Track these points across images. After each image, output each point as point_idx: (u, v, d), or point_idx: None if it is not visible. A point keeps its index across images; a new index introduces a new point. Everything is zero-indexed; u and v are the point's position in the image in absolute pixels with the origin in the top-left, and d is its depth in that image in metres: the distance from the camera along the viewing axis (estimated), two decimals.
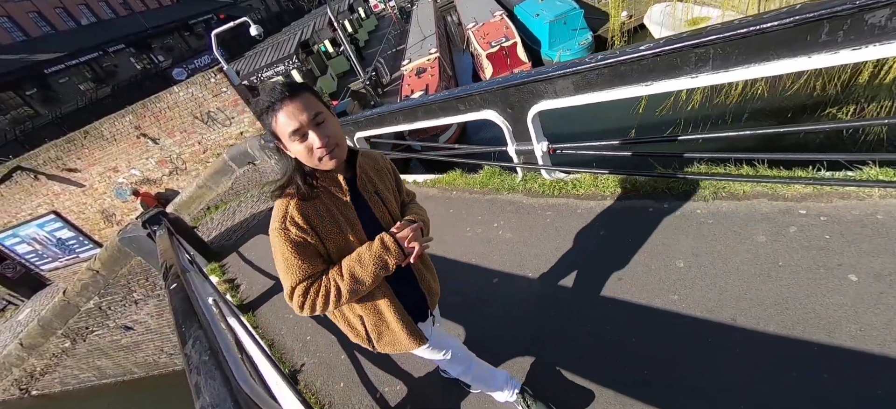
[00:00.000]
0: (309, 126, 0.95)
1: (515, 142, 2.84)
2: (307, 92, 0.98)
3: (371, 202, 1.14)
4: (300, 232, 1.01)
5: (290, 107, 0.94)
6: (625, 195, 2.57)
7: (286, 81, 1.02)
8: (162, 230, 4.27)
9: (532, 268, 2.45)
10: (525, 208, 2.95)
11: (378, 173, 1.19)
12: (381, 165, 1.23)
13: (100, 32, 21.78)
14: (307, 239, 1.03)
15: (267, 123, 0.98)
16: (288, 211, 1.02)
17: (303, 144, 0.97)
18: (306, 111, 0.94)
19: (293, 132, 0.94)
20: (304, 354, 2.82)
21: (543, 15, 10.68)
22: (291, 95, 0.95)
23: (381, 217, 1.15)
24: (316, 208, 1.05)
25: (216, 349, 1.36)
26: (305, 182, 1.04)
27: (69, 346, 7.95)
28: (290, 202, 1.03)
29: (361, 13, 23.96)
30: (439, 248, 3.00)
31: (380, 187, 1.17)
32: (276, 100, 0.94)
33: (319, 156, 0.98)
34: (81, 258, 10.67)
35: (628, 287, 2.06)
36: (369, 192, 1.14)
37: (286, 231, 1.01)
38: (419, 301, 1.30)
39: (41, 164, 8.95)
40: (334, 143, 1.00)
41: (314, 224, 1.04)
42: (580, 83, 2.23)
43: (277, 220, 1.03)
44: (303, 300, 1.03)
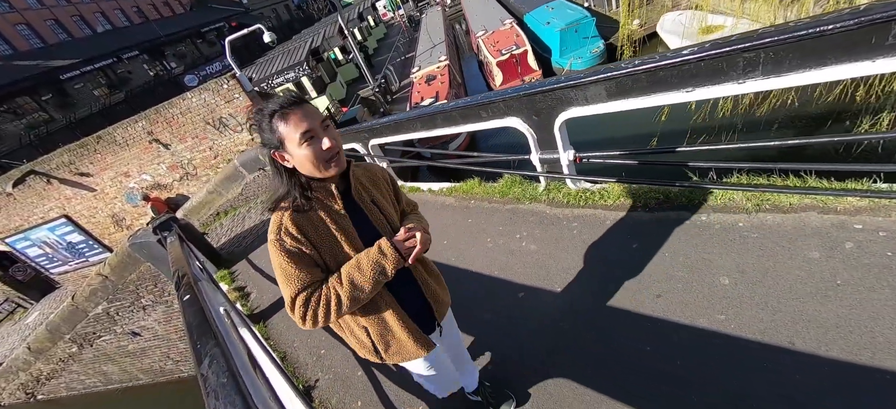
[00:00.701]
0: (319, 129, 1.00)
1: (540, 150, 2.74)
2: (308, 104, 1.03)
3: (368, 211, 1.14)
4: (295, 242, 1.03)
5: (302, 111, 0.99)
6: (657, 206, 2.44)
7: (291, 94, 1.06)
8: (173, 237, 4.23)
9: (560, 281, 2.33)
10: (549, 218, 2.83)
11: (373, 183, 1.20)
12: (378, 176, 1.24)
13: (115, 40, 22.21)
14: (303, 249, 1.04)
15: (273, 128, 0.99)
16: (282, 222, 1.04)
17: (311, 148, 0.99)
18: (316, 115, 1.01)
19: (304, 133, 0.97)
20: (318, 369, 2.71)
21: (554, 23, 10.64)
22: (299, 102, 1.01)
23: (379, 225, 1.15)
24: (310, 220, 1.06)
25: (234, 370, 1.26)
26: (302, 194, 1.05)
27: (76, 351, 7.91)
28: (284, 214, 1.05)
29: (371, 22, 24.22)
30: (460, 259, 2.89)
31: (376, 196, 1.18)
32: (286, 105, 0.98)
33: (328, 157, 1.01)
34: (91, 262, 10.70)
35: (668, 305, 1.93)
36: (365, 201, 1.15)
37: (281, 242, 1.03)
38: (423, 309, 1.29)
39: (54, 168, 9.02)
40: (338, 148, 1.04)
41: (309, 235, 1.05)
42: (614, 89, 2.12)
43: (273, 232, 1.04)
44: (304, 311, 1.03)
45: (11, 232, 10.21)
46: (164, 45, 24.75)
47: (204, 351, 1.40)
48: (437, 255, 3.04)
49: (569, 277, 2.33)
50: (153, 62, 23.91)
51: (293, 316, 1.05)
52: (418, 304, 1.27)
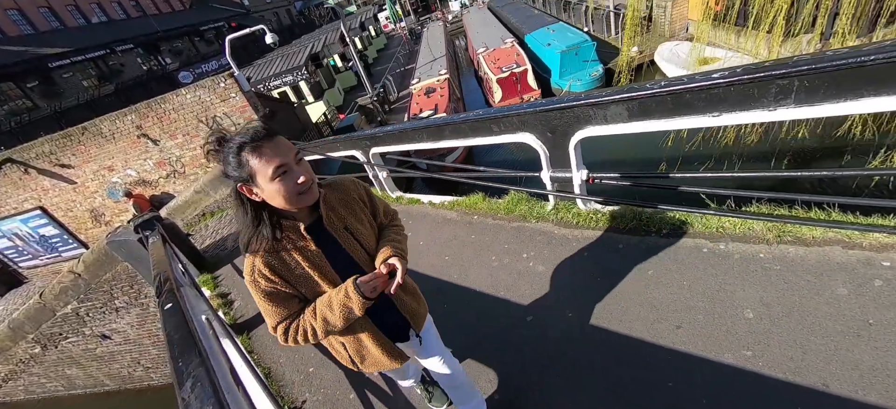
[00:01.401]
0: (291, 163, 0.98)
1: (552, 168, 2.65)
2: (280, 136, 1.00)
3: (341, 239, 1.14)
4: (269, 283, 1.05)
5: (275, 144, 0.96)
6: (673, 233, 2.36)
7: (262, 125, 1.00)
8: (155, 237, 3.99)
9: (571, 306, 2.21)
10: (557, 239, 2.73)
11: (347, 205, 1.18)
12: (351, 195, 1.21)
13: (109, 31, 21.78)
14: (278, 288, 1.06)
15: (241, 161, 0.95)
16: (255, 265, 1.05)
17: (283, 183, 0.97)
18: (290, 150, 0.98)
19: (278, 168, 0.95)
20: (306, 388, 2.51)
21: (555, 45, 10.80)
22: (271, 135, 0.97)
23: (354, 253, 1.15)
24: (283, 260, 1.07)
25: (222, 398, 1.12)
26: (271, 235, 1.04)
27: (39, 352, 7.41)
28: (256, 257, 1.05)
29: (372, 31, 24.36)
30: (463, 276, 2.76)
31: (350, 221, 1.16)
32: (259, 137, 0.94)
33: (301, 191, 0.99)
34: (64, 258, 10.18)
35: (689, 337, 1.82)
36: (338, 229, 1.14)
37: (256, 283, 1.06)
38: (400, 324, 1.34)
39: (33, 157, 8.62)
40: (311, 180, 1.02)
41: (283, 274, 1.07)
42: (636, 110, 2.05)
43: (247, 274, 1.07)
44: (285, 337, 1.10)
45: None
46: (161, 41, 24.37)
47: (186, 371, 1.24)
48: (440, 271, 2.90)
49: (580, 301, 2.21)
50: (148, 56, 23.48)
51: (275, 336, 1.11)
52: (395, 320, 1.31)
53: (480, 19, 21.06)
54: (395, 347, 1.32)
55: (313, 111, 11.82)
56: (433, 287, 2.78)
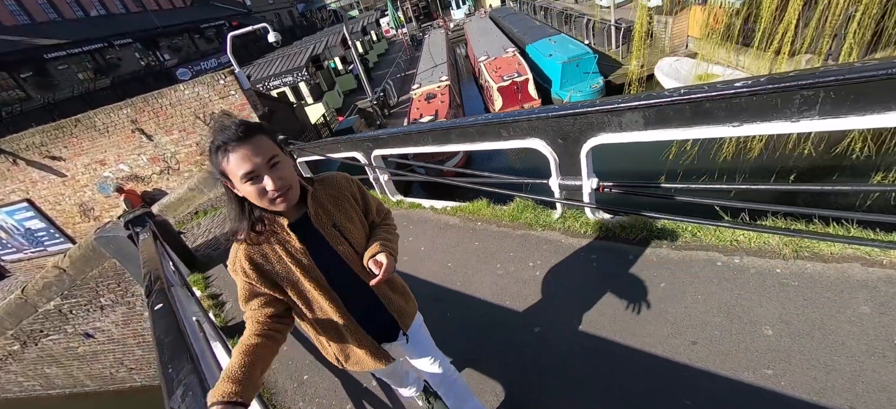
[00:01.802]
0: (262, 169, 0.94)
1: (561, 175, 2.59)
2: (262, 134, 0.96)
3: (328, 237, 1.11)
4: (246, 277, 1.04)
5: (244, 149, 0.92)
6: (685, 245, 2.30)
7: (242, 121, 0.95)
8: (146, 234, 3.86)
9: (580, 317, 2.13)
10: (564, 247, 2.66)
11: (337, 202, 1.15)
12: (343, 192, 1.18)
13: (108, 25, 21.54)
14: (253, 284, 1.05)
15: (216, 162, 0.94)
16: (238, 256, 1.05)
17: (254, 187, 0.95)
18: (261, 154, 0.93)
19: (246, 174, 0.93)
20: (299, 398, 2.39)
21: (557, 55, 10.86)
22: (246, 136, 0.92)
23: (342, 251, 1.13)
24: (264, 254, 1.06)
25: None
26: (253, 228, 1.03)
27: (18, 349, 7.15)
28: (239, 248, 1.05)
29: (373, 36, 24.43)
30: (467, 284, 2.67)
31: (339, 219, 1.13)
32: (230, 140, 0.91)
33: (271, 198, 0.97)
34: (49, 252, 9.92)
35: (707, 354, 1.75)
36: (325, 226, 1.11)
37: (236, 273, 1.06)
38: (389, 323, 1.31)
39: (23, 148, 8.41)
40: (287, 186, 0.99)
41: (264, 269, 1.06)
42: (653, 118, 2.00)
43: (230, 262, 1.08)
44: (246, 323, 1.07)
45: None
46: (160, 37, 24.17)
47: (177, 379, 1.14)
48: (442, 278, 2.81)
49: (590, 313, 2.13)
50: (146, 52, 23.26)
51: None
52: (383, 318, 1.29)
53: (482, 28, 21.22)
54: (380, 348, 1.28)
55: (312, 113, 11.73)
56: (435, 294, 2.69)
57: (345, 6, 38.50)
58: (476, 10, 31.89)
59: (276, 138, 1.00)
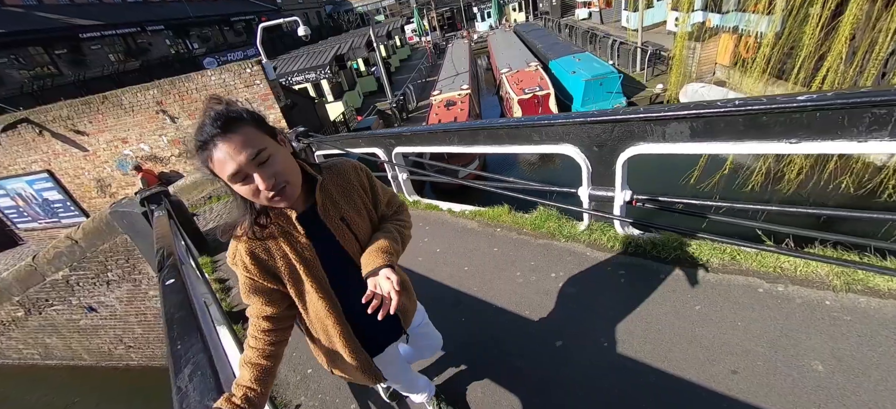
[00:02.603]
0: (249, 167, 0.82)
1: (592, 185, 2.47)
2: (246, 125, 0.82)
3: (336, 232, 1.03)
4: (247, 274, 0.96)
5: (227, 146, 0.80)
6: (722, 268, 2.15)
7: (220, 111, 0.81)
8: (161, 212, 3.85)
9: (606, 334, 1.99)
10: (589, 261, 2.53)
11: (346, 193, 1.07)
12: (351, 182, 1.09)
13: (143, 10, 22.29)
14: (255, 280, 0.97)
15: (203, 161, 0.82)
16: (238, 251, 0.96)
17: (245, 187, 0.84)
18: (245, 149, 0.80)
19: (232, 175, 0.81)
20: (302, 391, 2.28)
21: (581, 73, 10.79)
22: (224, 130, 0.79)
23: (349, 247, 1.05)
24: (266, 248, 0.97)
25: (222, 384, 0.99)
26: (256, 223, 0.94)
27: (22, 316, 7.18)
28: (239, 243, 0.95)
29: (397, 41, 24.76)
30: (485, 290, 2.55)
31: (346, 211, 1.05)
32: (208, 138, 0.79)
33: (267, 197, 0.86)
34: (62, 224, 10.07)
35: (749, 386, 1.60)
36: (333, 219, 1.02)
37: (236, 266, 0.97)
38: (392, 320, 1.24)
39: (50, 120, 8.61)
40: (283, 181, 0.87)
41: (265, 264, 0.98)
42: (701, 129, 1.88)
43: (230, 258, 0.99)
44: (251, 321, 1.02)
45: None
46: (191, 26, 24.92)
47: (185, 356, 1.05)
48: (458, 282, 2.70)
49: (616, 331, 1.99)
50: (176, 39, 23.96)
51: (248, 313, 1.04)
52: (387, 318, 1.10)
53: (506, 41, 21.34)
54: (372, 364, 1.20)
55: (332, 110, 11.83)
56: (451, 298, 2.57)
57: (371, 11, 39.22)
58: (500, 23, 32.19)
59: (265, 126, 0.87)
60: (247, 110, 0.85)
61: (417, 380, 1.67)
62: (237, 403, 0.86)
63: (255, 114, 0.87)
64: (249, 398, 0.88)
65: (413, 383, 1.63)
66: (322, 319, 1.07)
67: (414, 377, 1.65)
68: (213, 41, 26.82)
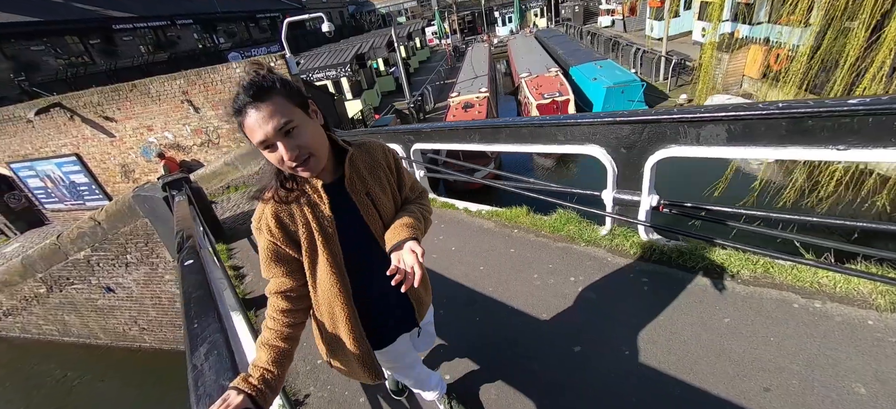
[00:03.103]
0: (276, 137, 0.84)
1: (617, 188, 2.39)
2: (278, 95, 0.84)
3: (360, 205, 1.03)
4: (271, 237, 0.97)
5: (256, 115, 0.82)
6: (754, 281, 2.04)
7: (254, 80, 0.83)
8: (182, 197, 3.93)
9: (627, 342, 1.91)
10: (610, 266, 2.44)
11: (372, 170, 1.07)
12: (379, 160, 1.10)
13: (173, 5, 23.04)
14: (279, 245, 0.98)
15: (239, 125, 0.86)
16: (264, 214, 0.98)
17: (272, 155, 0.87)
18: (272, 120, 0.83)
19: (259, 142, 0.84)
20: (311, 381, 2.25)
21: (602, 80, 10.63)
22: (256, 99, 0.82)
23: (372, 224, 1.05)
24: (291, 214, 0.98)
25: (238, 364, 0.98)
26: (282, 187, 0.97)
27: (43, 293, 7.42)
28: (266, 207, 0.98)
29: (417, 43, 24.94)
30: (501, 290, 2.48)
31: (372, 187, 1.05)
32: (241, 105, 0.83)
33: (289, 168, 0.89)
34: (87, 206, 10.39)
35: (781, 405, 1.50)
36: (359, 193, 1.03)
37: (260, 232, 0.99)
38: (406, 310, 1.23)
39: (81, 106, 8.91)
40: (307, 153, 0.89)
41: (289, 229, 0.98)
42: (739, 132, 1.79)
43: (255, 220, 1.00)
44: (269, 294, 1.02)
45: (19, 158, 10.01)
46: (219, 21, 25.68)
47: (202, 335, 1.04)
48: (473, 281, 2.64)
49: (639, 340, 1.91)
50: (203, 34, 24.71)
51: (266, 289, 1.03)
52: (400, 305, 1.21)
53: (526, 46, 21.23)
54: (372, 356, 1.15)
55: (350, 107, 11.96)
56: (465, 297, 2.52)
57: (393, 12, 39.66)
58: (521, 28, 32.12)
59: (297, 96, 0.88)
60: (280, 80, 0.86)
61: (430, 377, 1.62)
62: (253, 383, 0.83)
63: (288, 84, 0.88)
64: (266, 380, 0.86)
65: (424, 379, 1.59)
66: (329, 299, 1.04)
67: (426, 373, 1.60)
68: (239, 37, 27.50)
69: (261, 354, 0.92)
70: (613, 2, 20.84)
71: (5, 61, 15.09)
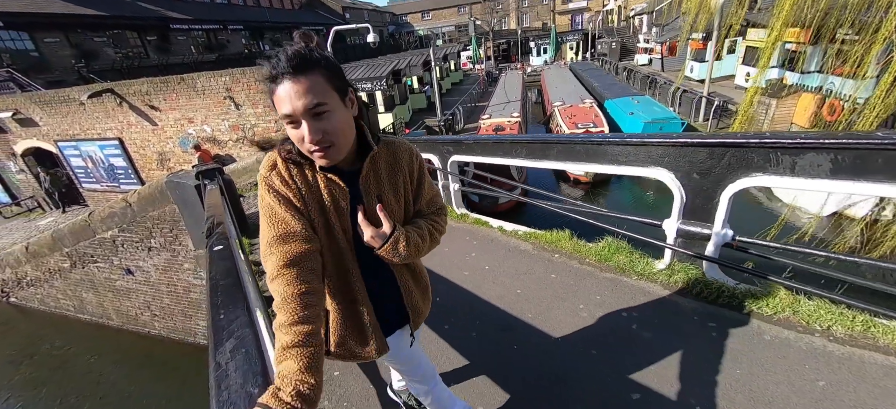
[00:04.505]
0: (303, 115, 0.78)
1: (682, 218, 2.14)
2: (319, 74, 0.78)
3: (368, 203, 0.95)
4: (284, 185, 0.87)
5: (290, 87, 0.76)
6: (851, 340, 1.73)
7: (298, 50, 0.78)
8: (214, 186, 3.93)
9: (695, 396, 1.62)
10: (669, 305, 2.16)
11: (391, 173, 1.00)
12: (401, 164, 1.01)
13: (226, 11, 24.63)
14: (290, 198, 0.87)
15: (269, 90, 0.80)
16: (276, 162, 0.89)
17: (294, 132, 0.81)
18: (305, 97, 0.76)
19: (285, 115, 0.79)
20: (325, 395, 2.04)
21: (639, 115, 10.36)
22: (296, 71, 0.76)
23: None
24: (304, 175, 0.89)
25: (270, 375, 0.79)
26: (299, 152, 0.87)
27: (67, 267, 7.58)
28: (279, 157, 0.89)
29: (451, 66, 25.54)
30: (541, 319, 2.23)
31: (385, 190, 0.98)
32: (278, 72, 0.77)
33: (308, 149, 0.82)
34: (121, 189, 10.76)
35: None
36: (369, 192, 0.95)
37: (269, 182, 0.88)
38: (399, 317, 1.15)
39: (131, 93, 9.36)
40: (328, 142, 0.82)
41: (300, 187, 0.88)
42: (847, 164, 1.54)
43: (264, 168, 0.89)
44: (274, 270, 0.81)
45: (67, 138, 10.54)
46: (267, 29, 27.23)
47: (228, 329, 0.89)
48: (509, 304, 2.41)
49: (712, 395, 1.62)
50: (251, 39, 26.20)
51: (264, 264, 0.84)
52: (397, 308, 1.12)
53: (560, 76, 21.31)
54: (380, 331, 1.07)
55: (382, 120, 12.11)
56: (500, 321, 2.28)
57: (431, 34, 40.90)
58: (555, 59, 32.42)
59: (338, 80, 0.82)
60: (325, 58, 0.81)
61: (453, 404, 1.49)
62: (287, 400, 0.65)
63: (333, 64, 0.82)
64: (303, 394, 0.67)
65: (446, 403, 1.46)
66: (344, 271, 0.98)
67: (447, 395, 1.48)
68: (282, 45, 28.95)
69: (288, 362, 0.71)
70: (652, 41, 20.71)
71: (69, 48, 16.26)
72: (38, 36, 15.25)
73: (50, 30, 15.57)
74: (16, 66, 13.90)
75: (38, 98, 10.38)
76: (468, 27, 34.73)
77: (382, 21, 41.26)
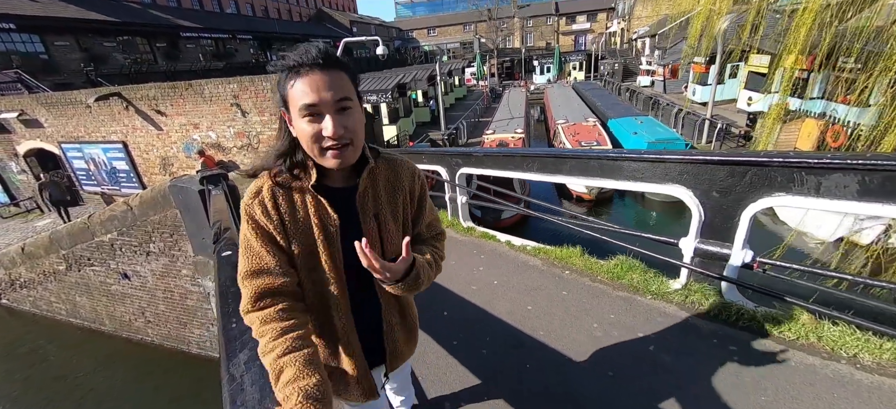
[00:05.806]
0: (330, 107, 0.75)
1: (700, 237, 2.09)
2: (345, 72, 0.79)
3: (364, 223, 0.89)
4: (266, 219, 0.82)
5: (319, 77, 0.74)
6: (879, 369, 1.67)
7: (328, 50, 0.77)
8: (219, 192, 3.89)
9: None
10: (685, 327, 2.10)
11: (391, 192, 0.93)
12: (403, 183, 0.95)
13: (235, 21, 25.07)
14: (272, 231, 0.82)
15: (282, 84, 0.78)
16: (261, 191, 0.83)
17: (311, 126, 0.76)
18: (334, 88, 0.75)
19: (307, 106, 0.75)
20: None
21: (642, 135, 10.41)
22: (325, 65, 0.75)
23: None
24: (291, 200, 0.84)
25: None
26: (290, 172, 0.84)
27: (63, 270, 7.45)
28: (265, 183, 0.84)
29: (456, 81, 25.88)
30: (555, 338, 2.17)
31: (383, 209, 0.91)
32: (306, 62, 0.74)
33: (327, 145, 0.78)
34: (122, 192, 10.71)
35: None
36: (366, 210, 0.89)
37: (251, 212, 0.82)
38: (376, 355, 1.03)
39: (137, 98, 9.40)
40: (348, 139, 0.79)
41: (285, 215, 0.83)
42: (875, 186, 1.51)
43: (248, 196, 0.84)
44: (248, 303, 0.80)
45: (71, 140, 10.55)
46: (275, 40, 27.69)
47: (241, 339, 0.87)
48: (519, 321, 2.34)
49: None
50: (259, 49, 26.58)
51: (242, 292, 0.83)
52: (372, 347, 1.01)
53: (563, 95, 21.59)
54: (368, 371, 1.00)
55: (385, 132, 12.16)
56: (511, 338, 2.21)
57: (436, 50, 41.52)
58: (559, 78, 32.86)
59: (356, 85, 0.82)
60: (349, 65, 0.81)
61: None
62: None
63: (353, 70, 0.82)
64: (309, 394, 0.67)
65: None
66: (326, 306, 0.91)
67: None
68: None
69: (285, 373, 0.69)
70: (655, 64, 21.01)
71: (79, 52, 16.44)
72: (48, 39, 15.45)
73: (61, 33, 15.78)
74: (25, 68, 14.03)
75: (44, 99, 10.42)
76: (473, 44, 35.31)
77: (389, 36, 41.94)
